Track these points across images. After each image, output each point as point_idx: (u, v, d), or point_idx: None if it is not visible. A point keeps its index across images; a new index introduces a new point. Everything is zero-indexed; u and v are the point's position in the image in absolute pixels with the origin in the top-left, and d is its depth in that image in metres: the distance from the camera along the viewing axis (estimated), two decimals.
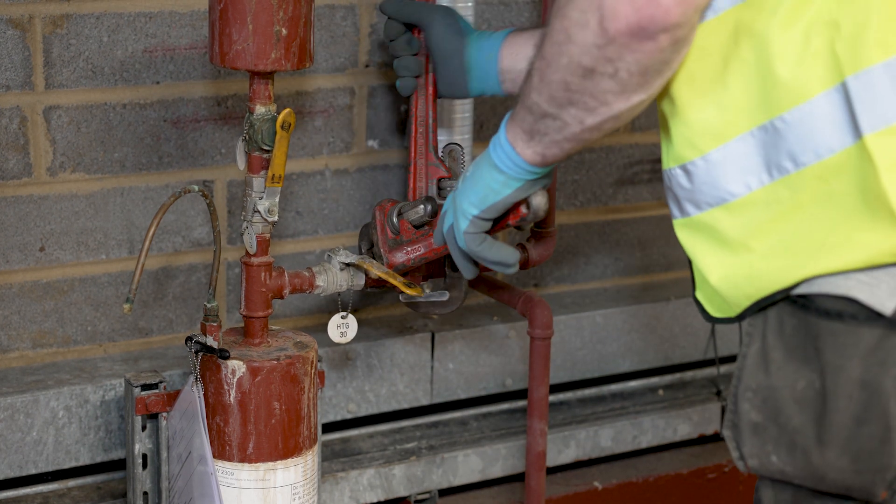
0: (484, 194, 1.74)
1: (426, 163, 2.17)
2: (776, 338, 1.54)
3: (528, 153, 1.64)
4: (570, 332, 2.77)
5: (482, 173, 1.72)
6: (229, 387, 2.06)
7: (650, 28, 1.43)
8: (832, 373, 1.49)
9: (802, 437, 1.52)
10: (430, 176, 2.20)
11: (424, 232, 2.13)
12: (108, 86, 2.36)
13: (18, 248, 2.34)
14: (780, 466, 1.56)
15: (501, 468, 2.65)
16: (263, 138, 2.02)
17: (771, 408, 1.54)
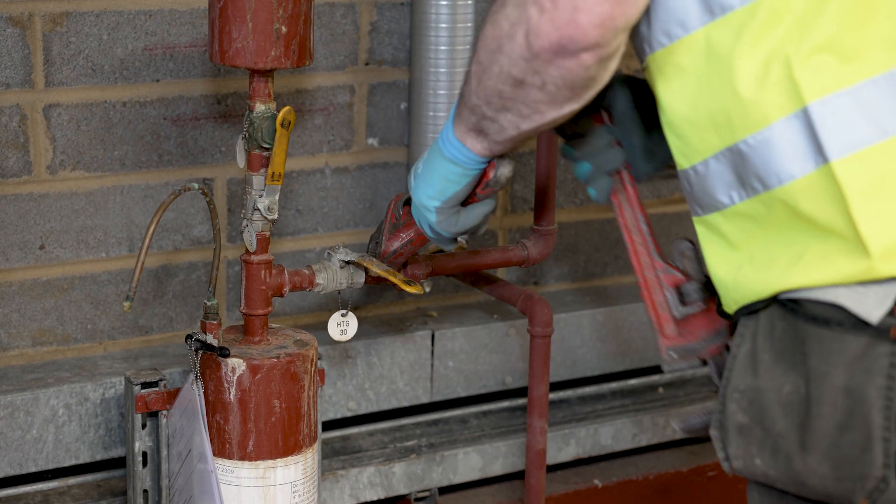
0: (442, 187, 1.75)
1: (656, 273, 1.89)
2: (766, 340, 1.54)
3: (477, 147, 1.67)
4: (569, 330, 2.77)
5: (436, 167, 1.73)
6: (229, 385, 2.06)
7: (570, 47, 1.46)
8: (817, 379, 1.48)
9: (786, 441, 1.52)
10: (667, 284, 1.87)
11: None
12: (108, 84, 2.36)
13: (18, 247, 2.34)
14: (763, 469, 1.56)
15: (501, 466, 2.65)
16: (263, 136, 2.02)
17: (757, 410, 1.54)
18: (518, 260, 2.39)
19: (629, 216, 1.88)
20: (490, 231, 2.78)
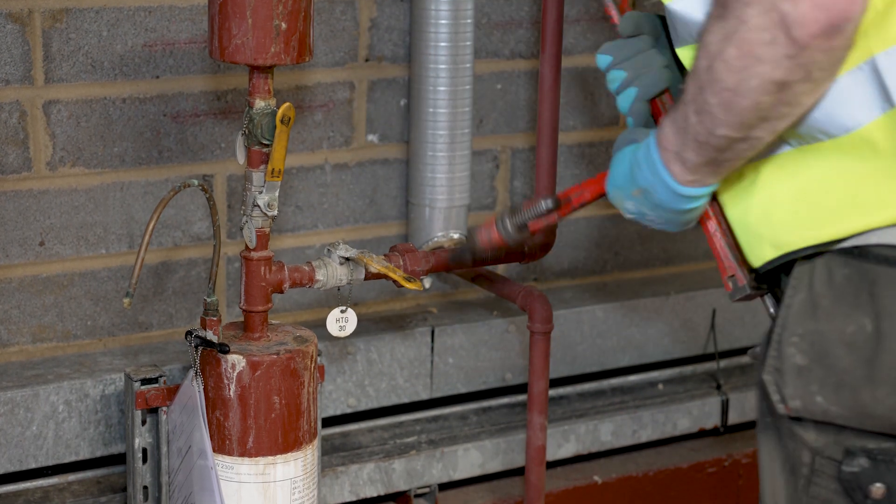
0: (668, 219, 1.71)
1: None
2: (824, 286, 1.59)
3: (710, 180, 1.63)
4: (569, 327, 2.77)
5: (671, 216, 1.69)
6: (229, 381, 2.06)
7: (840, 24, 1.44)
8: (889, 316, 1.55)
9: (851, 376, 1.57)
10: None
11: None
12: (107, 80, 2.36)
13: (18, 243, 2.34)
14: (824, 406, 1.60)
15: (501, 462, 2.65)
16: (263, 132, 2.02)
17: (818, 351, 1.59)
18: (518, 256, 2.39)
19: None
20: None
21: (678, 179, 1.60)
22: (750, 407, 2.93)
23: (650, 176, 1.62)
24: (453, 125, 2.53)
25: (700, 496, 2.86)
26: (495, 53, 2.70)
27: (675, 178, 1.60)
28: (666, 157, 1.59)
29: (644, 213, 1.68)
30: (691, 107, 1.52)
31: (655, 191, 1.63)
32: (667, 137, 1.58)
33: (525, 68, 2.73)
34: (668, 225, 1.69)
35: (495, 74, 2.70)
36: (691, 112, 1.53)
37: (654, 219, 1.68)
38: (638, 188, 1.65)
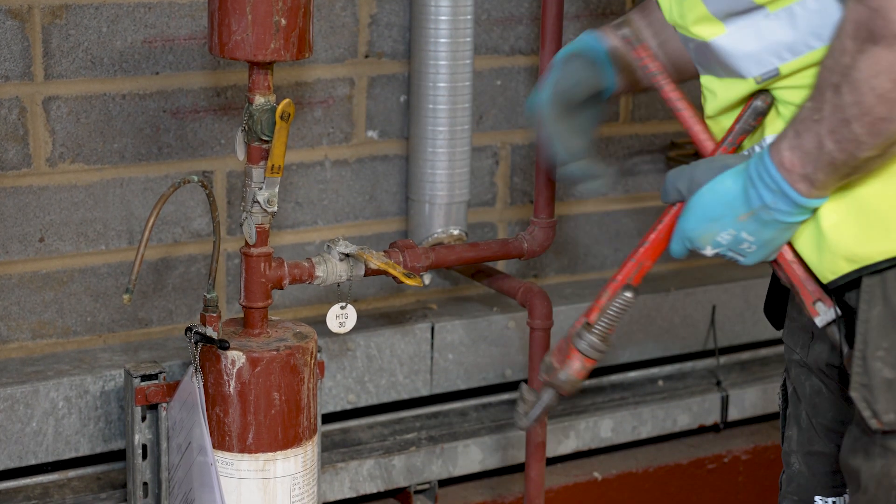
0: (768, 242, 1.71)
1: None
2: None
3: (832, 190, 1.65)
4: (569, 323, 2.75)
5: (776, 235, 1.70)
6: (229, 377, 2.06)
7: None
8: None
9: None
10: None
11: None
12: (107, 76, 2.35)
13: (18, 239, 2.34)
14: None
15: (501, 459, 2.65)
16: (263, 129, 2.02)
17: None
18: (517, 253, 2.39)
19: None
20: (489, 223, 2.78)
21: (804, 195, 1.62)
22: (750, 403, 2.93)
23: (769, 196, 1.63)
24: (453, 121, 2.53)
25: (700, 492, 2.86)
26: (495, 50, 2.70)
27: (801, 194, 1.61)
28: (790, 178, 1.61)
29: (742, 239, 1.67)
30: (829, 137, 1.55)
31: (775, 209, 1.64)
32: (789, 161, 1.60)
33: (525, 64, 2.73)
34: (764, 249, 1.69)
35: (495, 70, 2.70)
36: (828, 141, 1.55)
37: (751, 244, 1.68)
38: (750, 210, 1.65)
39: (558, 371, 1.80)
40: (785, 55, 1.66)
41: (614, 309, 1.78)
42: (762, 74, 1.68)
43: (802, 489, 1.97)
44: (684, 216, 1.71)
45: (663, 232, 1.78)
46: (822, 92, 1.55)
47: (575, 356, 1.79)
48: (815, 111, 1.56)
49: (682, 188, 1.72)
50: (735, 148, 1.74)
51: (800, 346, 1.93)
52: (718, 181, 1.68)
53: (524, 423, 1.87)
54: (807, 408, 1.94)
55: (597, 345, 1.79)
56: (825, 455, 1.93)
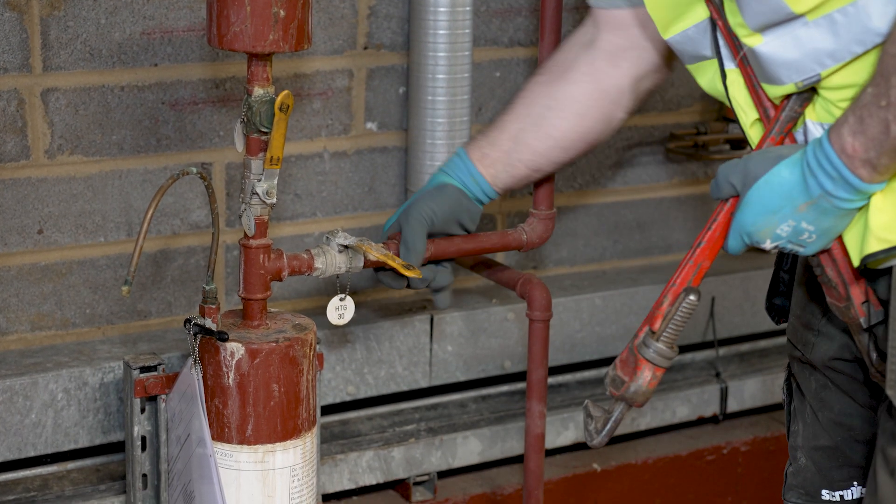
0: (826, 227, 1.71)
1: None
2: None
3: (892, 174, 1.66)
4: (568, 315, 2.77)
5: (835, 222, 1.70)
6: (228, 369, 2.06)
7: None
8: None
9: None
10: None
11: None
12: (105, 68, 2.35)
13: (17, 231, 2.34)
14: None
15: (500, 450, 2.65)
16: (261, 120, 2.02)
17: None
18: (517, 244, 2.39)
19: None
20: (488, 215, 2.78)
21: (865, 180, 1.61)
22: (749, 395, 2.93)
23: (829, 183, 1.63)
24: (452, 113, 2.53)
25: (699, 484, 2.86)
26: (494, 41, 2.69)
27: (862, 180, 1.61)
28: (852, 164, 1.61)
29: (802, 230, 1.67)
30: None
31: (835, 196, 1.63)
32: (851, 147, 1.60)
33: (524, 56, 2.73)
34: (824, 237, 1.68)
35: (494, 62, 2.70)
36: (895, 126, 1.55)
37: (811, 233, 1.67)
38: (810, 199, 1.65)
39: (629, 384, 1.78)
40: (826, 62, 1.65)
41: (680, 315, 1.76)
42: (803, 80, 1.68)
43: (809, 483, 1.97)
44: (741, 211, 1.70)
45: (719, 230, 1.76)
46: (886, 78, 1.54)
47: (644, 366, 1.78)
48: (879, 97, 1.55)
49: (736, 182, 1.71)
50: (783, 137, 1.73)
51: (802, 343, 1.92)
52: (774, 173, 1.67)
53: (597, 441, 1.86)
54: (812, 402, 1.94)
55: (665, 352, 1.77)
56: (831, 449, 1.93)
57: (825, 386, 1.91)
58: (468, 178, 2.17)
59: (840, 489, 1.95)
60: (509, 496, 2.64)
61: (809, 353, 1.90)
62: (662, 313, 1.76)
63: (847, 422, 1.91)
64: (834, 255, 1.70)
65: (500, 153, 2.15)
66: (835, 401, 1.91)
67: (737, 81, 1.77)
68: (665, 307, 1.77)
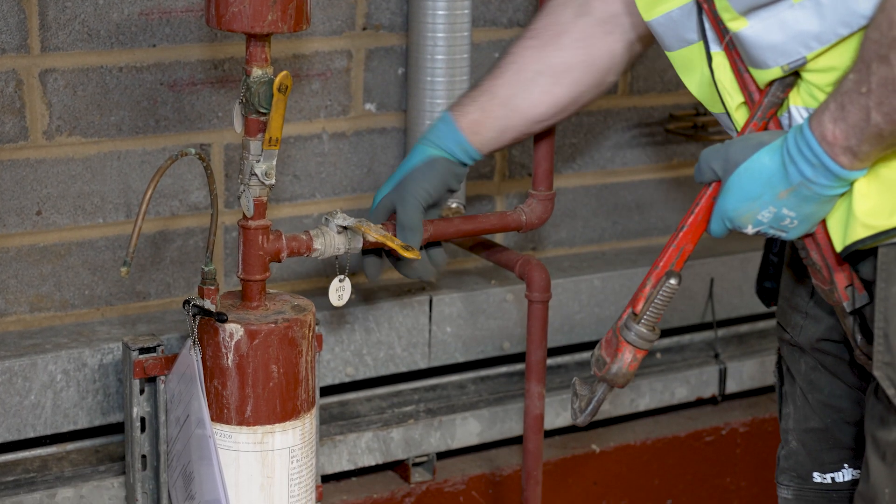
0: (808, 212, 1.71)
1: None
2: None
3: (872, 161, 1.65)
4: (567, 296, 2.77)
5: (816, 209, 1.69)
6: (227, 350, 2.06)
7: None
8: None
9: None
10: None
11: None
12: (104, 49, 2.35)
13: (15, 212, 2.34)
14: None
15: (499, 431, 2.65)
16: (260, 101, 2.01)
17: None
18: (516, 225, 2.39)
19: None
20: (487, 196, 2.77)
21: (846, 167, 1.61)
22: (748, 376, 2.94)
23: (809, 170, 1.62)
24: (451, 94, 2.52)
25: (698, 464, 2.87)
26: (493, 22, 2.69)
27: (842, 167, 1.61)
28: (832, 151, 1.61)
29: (783, 216, 1.67)
30: (878, 109, 1.55)
31: (815, 183, 1.63)
32: (832, 134, 1.59)
33: None
34: (805, 223, 1.68)
35: (493, 43, 2.69)
36: (876, 113, 1.55)
37: (792, 219, 1.67)
38: (790, 186, 1.65)
39: (610, 365, 1.79)
40: (812, 44, 1.64)
41: (661, 298, 1.77)
42: (789, 63, 1.67)
43: (800, 465, 1.97)
44: (723, 197, 1.70)
45: (701, 213, 1.76)
46: (867, 64, 1.54)
47: (625, 348, 1.79)
48: (860, 83, 1.55)
49: (717, 168, 1.71)
50: (766, 123, 1.73)
51: (790, 325, 1.92)
52: (755, 160, 1.67)
53: (581, 419, 1.87)
54: (802, 385, 1.94)
55: (645, 335, 1.78)
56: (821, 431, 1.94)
57: (814, 368, 1.92)
58: (456, 146, 2.16)
59: (831, 471, 1.95)
60: (508, 477, 2.64)
61: (797, 335, 1.91)
62: (645, 296, 1.77)
63: (836, 403, 1.91)
64: (818, 240, 1.70)
65: (489, 119, 2.15)
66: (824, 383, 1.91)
67: (723, 65, 1.76)
68: (647, 290, 1.78)
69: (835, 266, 1.70)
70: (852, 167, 1.60)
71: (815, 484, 1.95)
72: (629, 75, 2.86)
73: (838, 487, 1.95)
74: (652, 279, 1.78)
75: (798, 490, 1.98)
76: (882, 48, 1.52)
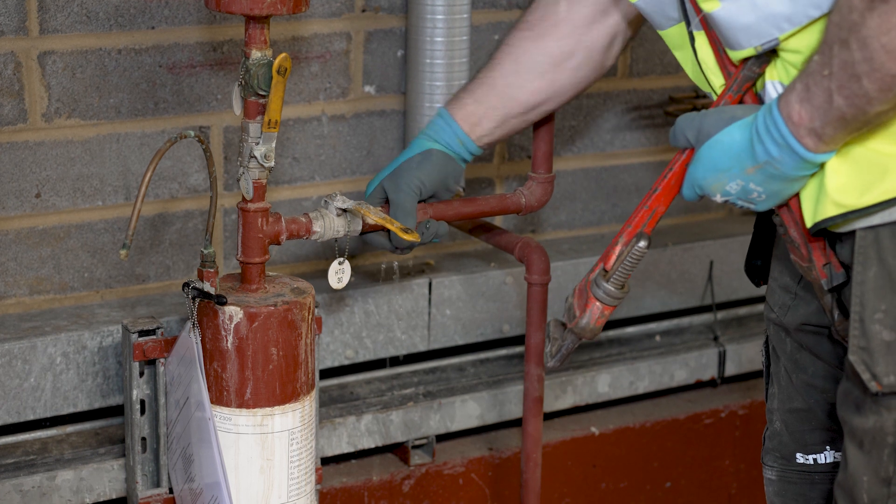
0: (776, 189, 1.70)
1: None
2: (895, 258, 1.62)
3: (840, 144, 1.65)
4: (567, 278, 2.77)
5: (783, 187, 1.69)
6: (226, 333, 2.06)
7: None
8: None
9: None
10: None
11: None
12: (102, 31, 2.34)
13: (14, 195, 2.34)
14: None
15: (498, 414, 2.65)
16: (259, 83, 2.01)
17: None
18: (516, 208, 2.39)
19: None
20: (486, 179, 2.77)
21: (811, 149, 1.62)
22: (746, 359, 2.94)
23: (775, 149, 1.63)
24: (450, 76, 2.52)
25: (697, 447, 2.87)
26: (492, 4, 2.68)
27: (807, 149, 1.61)
28: (797, 132, 1.61)
29: (751, 190, 1.68)
30: (839, 92, 1.55)
31: (781, 163, 1.64)
32: (798, 115, 1.60)
33: None
34: (773, 198, 1.69)
35: (493, 25, 2.69)
36: (838, 96, 1.55)
37: (760, 193, 1.68)
38: (756, 164, 1.65)
39: (578, 319, 1.83)
40: (784, 26, 1.65)
41: (630, 260, 1.79)
42: (762, 44, 1.68)
43: (784, 446, 1.97)
44: (693, 165, 1.72)
45: (674, 178, 1.79)
46: (829, 47, 1.55)
47: (594, 304, 1.82)
48: (823, 66, 1.56)
49: (691, 137, 1.73)
50: (741, 96, 1.74)
51: (778, 306, 1.92)
52: (726, 133, 1.68)
53: (551, 364, 1.91)
54: (786, 364, 1.94)
55: (613, 293, 1.81)
56: (804, 412, 1.94)
57: (798, 348, 1.92)
58: (454, 140, 2.16)
59: (813, 452, 1.95)
60: (508, 459, 2.64)
61: (784, 315, 1.91)
62: (616, 253, 1.80)
63: (819, 384, 1.91)
64: (796, 217, 1.71)
65: (488, 110, 2.15)
66: (808, 362, 1.92)
67: (704, 44, 1.77)
68: (619, 248, 1.80)
69: (812, 243, 1.71)
70: (817, 150, 1.61)
71: (798, 465, 1.96)
72: (628, 58, 2.86)
73: (820, 469, 1.95)
74: (624, 237, 1.81)
75: (782, 471, 1.98)
76: (842, 31, 1.52)
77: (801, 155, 1.62)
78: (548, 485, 2.67)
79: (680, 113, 2.88)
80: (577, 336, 1.86)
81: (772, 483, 2.00)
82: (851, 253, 1.67)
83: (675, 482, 2.86)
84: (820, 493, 1.95)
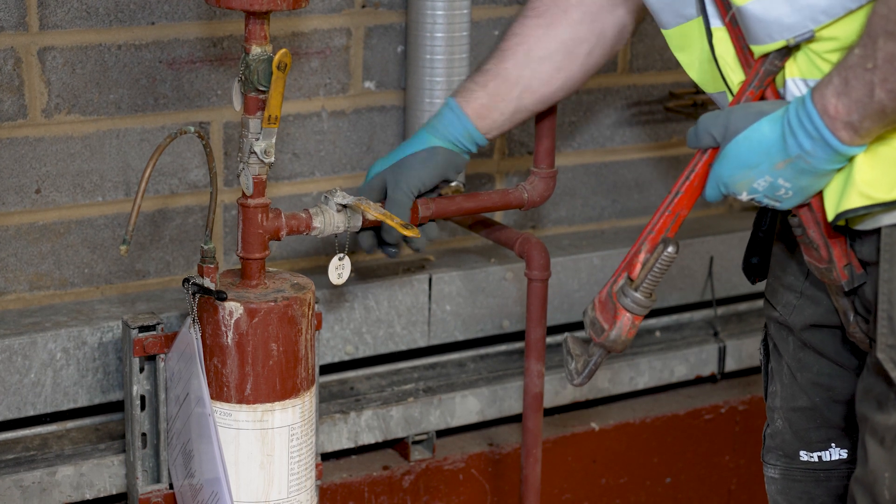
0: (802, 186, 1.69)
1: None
2: None
3: (873, 137, 1.64)
4: (567, 274, 2.77)
5: (812, 182, 1.68)
6: (227, 328, 2.06)
7: None
8: None
9: None
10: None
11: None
12: (102, 26, 2.34)
13: (14, 191, 2.34)
14: None
15: (499, 409, 2.65)
16: (259, 79, 2.01)
17: None
18: (518, 203, 2.39)
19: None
20: (487, 174, 2.77)
21: (845, 142, 1.61)
22: (747, 354, 2.94)
23: (808, 143, 1.62)
24: (450, 72, 2.52)
25: (696, 442, 2.87)
26: (492, 0, 2.68)
27: (842, 142, 1.60)
28: (833, 126, 1.60)
29: (778, 186, 1.66)
30: (882, 85, 1.54)
31: (813, 156, 1.63)
32: (834, 108, 1.59)
33: None
34: (800, 195, 1.68)
35: (493, 21, 2.69)
36: (880, 89, 1.54)
37: (787, 189, 1.67)
38: (788, 158, 1.64)
39: (608, 332, 1.78)
40: (820, 18, 1.63)
41: (659, 267, 1.75)
42: (795, 37, 1.66)
43: (787, 444, 1.97)
44: (719, 163, 1.70)
45: (697, 179, 1.76)
46: (874, 39, 1.53)
47: (623, 315, 1.77)
48: (866, 59, 1.54)
49: (717, 134, 1.71)
50: (763, 91, 1.72)
51: (782, 305, 1.92)
52: (755, 128, 1.66)
53: (578, 381, 1.86)
54: (790, 363, 1.93)
55: (643, 302, 1.77)
56: (808, 410, 1.93)
57: (802, 347, 1.91)
58: (462, 133, 2.16)
59: (818, 450, 1.95)
60: (508, 455, 2.65)
61: (789, 314, 1.90)
62: (640, 261, 1.77)
63: (826, 382, 1.90)
64: (817, 217, 1.70)
65: (500, 102, 2.14)
66: (813, 361, 1.91)
67: (724, 40, 1.75)
68: (643, 255, 1.77)
69: (833, 243, 1.70)
70: (852, 143, 1.60)
71: (802, 463, 1.95)
72: (629, 53, 2.86)
73: (825, 466, 1.94)
74: (647, 244, 1.77)
75: (785, 469, 1.97)
76: (889, 24, 1.51)
77: (834, 147, 1.60)
78: (548, 480, 2.67)
79: (680, 108, 2.89)
80: (607, 350, 1.81)
81: (774, 482, 1.99)
82: (875, 251, 1.66)
83: (675, 477, 2.86)
84: (825, 490, 1.95)
